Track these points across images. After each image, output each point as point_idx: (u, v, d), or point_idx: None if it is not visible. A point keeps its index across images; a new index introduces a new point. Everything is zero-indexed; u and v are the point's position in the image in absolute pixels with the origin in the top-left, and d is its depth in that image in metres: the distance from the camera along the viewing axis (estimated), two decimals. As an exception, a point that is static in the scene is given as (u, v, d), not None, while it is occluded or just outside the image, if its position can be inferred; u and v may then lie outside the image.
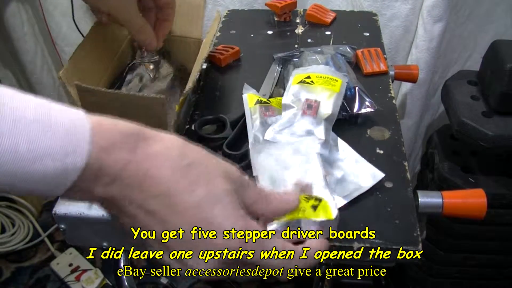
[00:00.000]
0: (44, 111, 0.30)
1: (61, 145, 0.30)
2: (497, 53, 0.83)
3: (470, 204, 0.52)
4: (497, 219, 0.90)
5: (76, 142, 0.31)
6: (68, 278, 1.27)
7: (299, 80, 0.62)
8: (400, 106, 1.12)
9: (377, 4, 0.99)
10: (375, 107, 0.62)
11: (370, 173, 0.54)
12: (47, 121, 0.30)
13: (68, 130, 0.31)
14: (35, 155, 0.29)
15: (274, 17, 0.87)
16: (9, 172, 0.29)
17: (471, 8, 1.02)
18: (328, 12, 0.87)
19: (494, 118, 0.84)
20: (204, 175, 0.35)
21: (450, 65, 1.11)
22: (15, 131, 0.28)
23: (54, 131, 0.30)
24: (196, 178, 0.35)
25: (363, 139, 0.60)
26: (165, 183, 0.34)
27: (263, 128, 0.59)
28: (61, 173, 0.31)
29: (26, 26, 1.13)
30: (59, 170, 0.30)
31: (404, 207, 0.51)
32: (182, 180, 0.34)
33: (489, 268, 1.00)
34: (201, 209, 0.35)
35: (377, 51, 0.75)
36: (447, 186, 0.91)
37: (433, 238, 0.98)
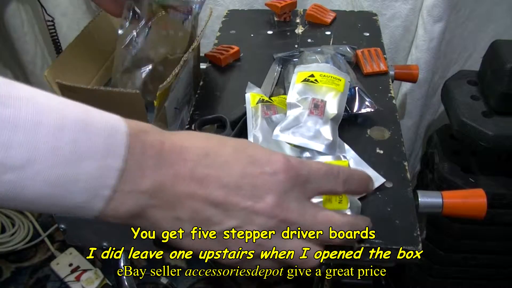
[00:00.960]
0: (83, 110, 0.30)
1: (103, 146, 0.30)
2: (497, 53, 0.83)
3: (470, 204, 0.52)
4: (497, 219, 0.90)
5: (115, 143, 0.31)
6: (68, 278, 1.27)
7: (302, 78, 0.62)
8: (400, 106, 1.12)
9: (377, 4, 0.99)
10: (375, 107, 0.62)
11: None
12: (89, 122, 0.30)
13: (108, 132, 0.30)
14: (79, 156, 0.29)
15: (274, 17, 0.87)
16: (49, 177, 0.28)
17: (471, 8, 1.02)
18: (328, 12, 0.87)
19: (494, 118, 0.84)
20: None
21: (450, 65, 1.11)
22: (59, 134, 0.28)
23: (94, 133, 0.30)
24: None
25: (363, 139, 0.60)
26: (208, 147, 0.35)
27: (266, 126, 0.59)
28: (101, 174, 0.30)
29: (26, 26, 1.13)
30: (100, 171, 0.30)
31: (404, 207, 0.51)
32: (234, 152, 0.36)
33: (489, 268, 1.00)
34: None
35: (377, 51, 0.75)
36: (447, 186, 0.91)
37: (433, 238, 0.98)
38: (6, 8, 1.09)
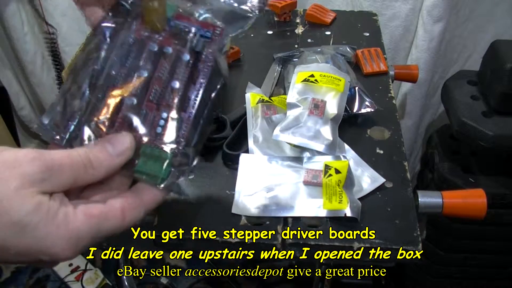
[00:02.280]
0: None
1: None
2: (497, 53, 0.83)
3: (470, 204, 0.52)
4: (497, 219, 0.90)
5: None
6: (68, 278, 1.27)
7: (302, 78, 0.62)
8: (400, 106, 1.12)
9: (377, 4, 0.99)
10: (375, 107, 0.62)
11: (371, 177, 0.54)
12: None
13: None
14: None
15: (274, 17, 0.87)
16: None
17: (471, 8, 1.02)
18: (328, 12, 0.87)
19: (494, 118, 0.84)
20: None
21: (450, 65, 1.11)
22: None
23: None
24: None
25: (363, 139, 0.60)
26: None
27: (266, 126, 0.59)
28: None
29: (26, 26, 1.13)
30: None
31: (404, 207, 0.51)
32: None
33: (489, 268, 1.00)
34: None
35: (377, 51, 0.75)
36: (447, 186, 0.91)
37: (433, 238, 0.98)
38: (6, 8, 1.08)
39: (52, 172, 0.31)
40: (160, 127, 0.37)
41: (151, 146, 0.36)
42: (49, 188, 0.31)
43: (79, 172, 0.33)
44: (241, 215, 0.51)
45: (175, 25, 0.39)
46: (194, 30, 0.39)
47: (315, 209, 0.50)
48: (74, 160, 0.33)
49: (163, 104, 0.37)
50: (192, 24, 0.39)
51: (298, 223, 0.50)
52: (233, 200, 0.52)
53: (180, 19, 0.40)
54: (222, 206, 0.51)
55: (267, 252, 0.38)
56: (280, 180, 0.54)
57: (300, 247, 0.49)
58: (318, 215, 0.50)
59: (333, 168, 0.52)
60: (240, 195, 0.53)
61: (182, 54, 0.38)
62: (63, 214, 0.31)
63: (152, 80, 0.38)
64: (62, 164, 0.32)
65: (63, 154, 0.33)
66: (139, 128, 0.37)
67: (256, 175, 0.54)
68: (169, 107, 0.37)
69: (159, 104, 0.37)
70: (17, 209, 0.29)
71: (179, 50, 0.39)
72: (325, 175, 0.52)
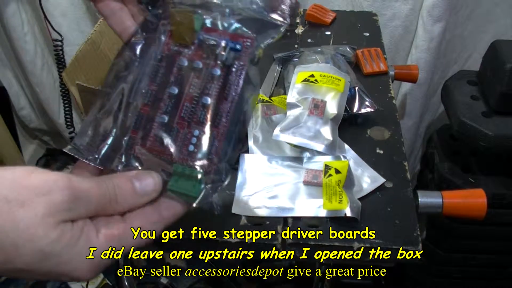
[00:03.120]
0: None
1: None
2: (497, 53, 0.83)
3: (470, 204, 0.52)
4: (497, 219, 0.90)
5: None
6: (68, 278, 1.26)
7: (302, 78, 0.62)
8: (400, 106, 1.12)
9: (377, 4, 0.99)
10: (375, 107, 0.62)
11: (371, 177, 0.54)
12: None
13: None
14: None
15: (274, 17, 0.87)
16: None
17: (471, 8, 1.02)
18: (328, 12, 0.87)
19: (494, 118, 0.84)
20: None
21: (450, 65, 1.11)
22: None
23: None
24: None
25: (363, 139, 0.60)
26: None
27: (266, 126, 0.59)
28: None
29: (26, 26, 1.13)
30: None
31: (404, 207, 0.51)
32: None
33: (489, 268, 1.00)
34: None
35: (377, 51, 0.75)
36: (447, 186, 0.91)
37: (433, 238, 0.98)
38: (6, 8, 1.09)
39: (79, 202, 0.32)
40: (192, 145, 0.36)
41: (183, 165, 0.36)
42: (73, 216, 0.31)
43: (104, 205, 0.33)
44: (241, 215, 0.51)
45: (204, 39, 0.39)
46: (223, 44, 0.38)
47: (315, 209, 0.50)
48: (102, 192, 0.33)
49: (195, 120, 0.37)
50: (221, 37, 0.38)
51: (298, 223, 0.50)
52: (233, 200, 0.52)
53: (209, 31, 0.39)
54: (222, 206, 0.51)
55: (267, 252, 0.38)
56: (280, 180, 0.54)
57: (300, 247, 0.49)
58: (318, 215, 0.50)
59: (333, 168, 0.52)
60: (240, 195, 0.53)
61: (212, 69, 0.38)
62: (84, 241, 0.32)
63: (183, 96, 0.37)
64: (89, 196, 0.32)
65: (92, 184, 0.33)
66: (170, 146, 0.36)
67: (256, 175, 0.54)
68: (200, 124, 0.37)
69: (191, 121, 0.37)
70: (42, 237, 0.30)
71: (209, 65, 0.38)
72: (325, 175, 0.52)
